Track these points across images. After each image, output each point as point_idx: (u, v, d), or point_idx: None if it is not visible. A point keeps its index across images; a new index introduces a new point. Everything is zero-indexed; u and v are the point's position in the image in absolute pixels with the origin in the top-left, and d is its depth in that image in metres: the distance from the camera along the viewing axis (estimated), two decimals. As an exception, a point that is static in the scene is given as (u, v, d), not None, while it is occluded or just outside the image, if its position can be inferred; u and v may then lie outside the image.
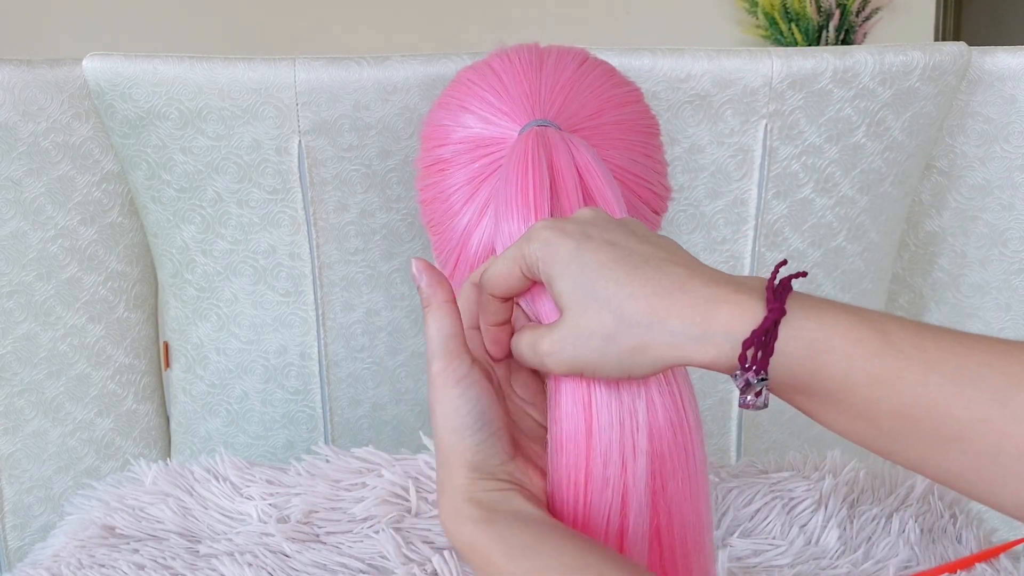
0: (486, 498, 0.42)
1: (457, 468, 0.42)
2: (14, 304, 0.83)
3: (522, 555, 0.39)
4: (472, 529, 0.41)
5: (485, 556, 0.40)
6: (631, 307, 0.38)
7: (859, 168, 0.83)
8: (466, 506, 0.42)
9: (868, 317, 0.37)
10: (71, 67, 0.79)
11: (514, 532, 0.40)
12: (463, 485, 0.42)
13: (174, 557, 0.59)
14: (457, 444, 0.42)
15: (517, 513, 0.41)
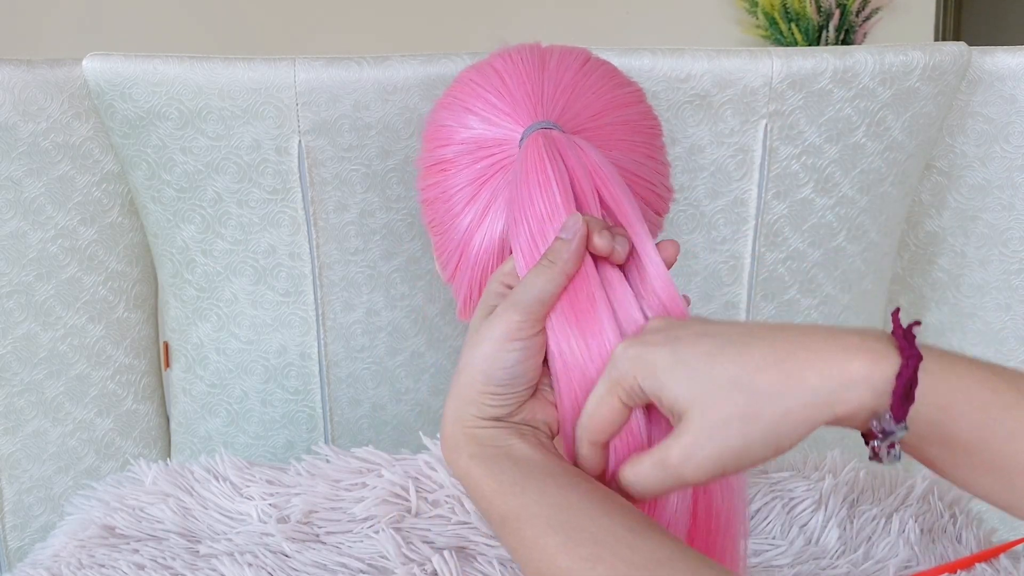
0: (484, 435, 0.44)
1: (470, 405, 0.44)
2: (14, 304, 0.83)
3: (510, 491, 0.42)
4: (467, 462, 0.44)
5: (477, 489, 0.43)
6: (762, 378, 0.37)
7: (859, 168, 0.83)
8: (463, 439, 0.44)
9: (1000, 370, 0.37)
10: (71, 67, 0.79)
11: (504, 469, 0.42)
12: (468, 420, 0.44)
13: (174, 557, 0.59)
14: (484, 388, 0.44)
15: (510, 451, 0.43)
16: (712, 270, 0.85)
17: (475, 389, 0.44)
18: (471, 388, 0.44)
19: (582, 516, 0.40)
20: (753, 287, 0.86)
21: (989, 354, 0.92)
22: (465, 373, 0.45)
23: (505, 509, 0.41)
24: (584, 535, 0.39)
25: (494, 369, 0.44)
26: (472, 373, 0.44)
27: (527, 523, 0.40)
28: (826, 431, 0.98)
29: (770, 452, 0.38)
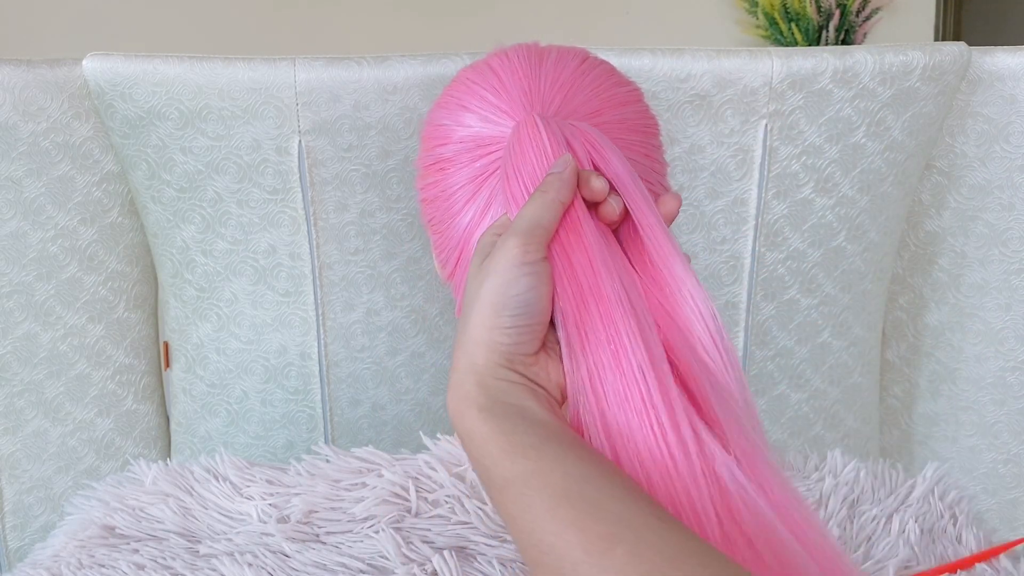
0: (496, 387, 0.41)
1: (481, 346, 0.41)
2: (14, 304, 0.83)
3: (522, 455, 0.38)
4: (475, 416, 0.40)
5: (482, 447, 0.39)
6: None
7: (859, 168, 0.83)
8: (475, 389, 0.41)
9: None
10: (71, 67, 0.79)
11: (516, 429, 0.39)
12: (480, 365, 0.41)
13: (174, 557, 0.59)
14: (495, 321, 0.41)
15: (524, 411, 0.40)
16: (712, 270, 0.85)
17: (486, 325, 0.41)
18: (481, 327, 0.41)
19: (603, 493, 0.37)
20: (753, 287, 0.86)
21: (989, 354, 0.92)
22: (473, 313, 0.42)
23: (513, 473, 0.38)
24: (605, 513, 0.36)
25: (505, 298, 0.41)
26: (481, 309, 0.42)
27: (537, 491, 0.37)
28: (826, 431, 0.98)
29: None
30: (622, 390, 0.41)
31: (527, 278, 0.42)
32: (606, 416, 0.41)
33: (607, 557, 0.34)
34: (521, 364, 0.42)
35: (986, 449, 0.94)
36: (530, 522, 0.37)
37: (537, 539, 0.36)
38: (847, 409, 0.93)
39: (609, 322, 0.42)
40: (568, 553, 0.35)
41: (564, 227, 0.44)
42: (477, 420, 0.40)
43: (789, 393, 0.91)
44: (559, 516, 0.36)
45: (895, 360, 0.96)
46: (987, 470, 0.95)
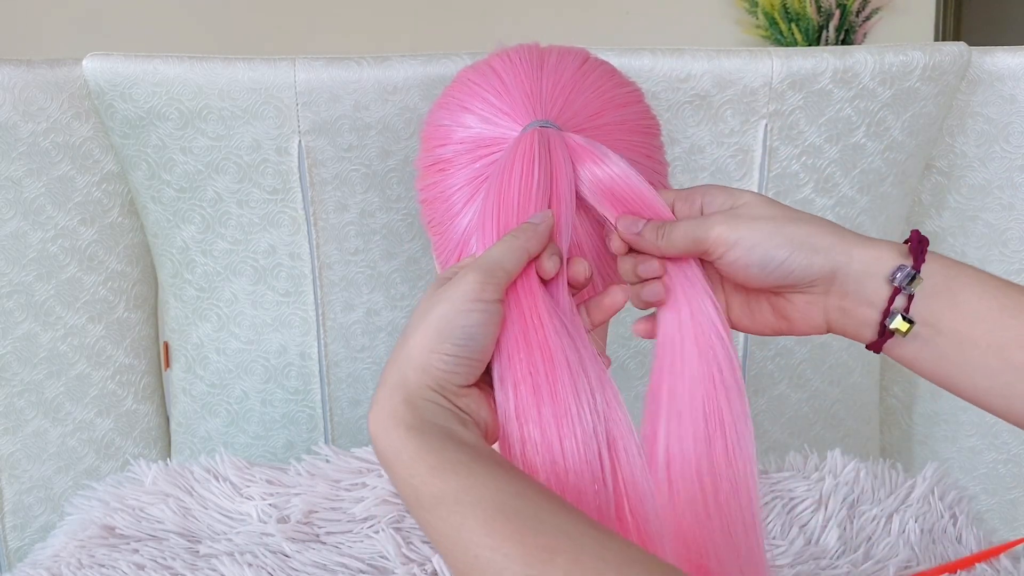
0: (424, 407, 0.41)
1: (415, 367, 0.41)
2: (14, 304, 0.83)
3: (452, 471, 0.38)
4: (402, 435, 0.39)
5: (410, 465, 0.39)
6: None
7: (859, 168, 0.83)
8: (403, 408, 0.40)
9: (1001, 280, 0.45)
10: (71, 67, 0.79)
11: (445, 447, 0.39)
12: (411, 384, 0.41)
13: (174, 557, 0.59)
14: (436, 346, 0.41)
15: (452, 433, 0.40)
16: (712, 270, 0.85)
17: (426, 348, 0.41)
18: (421, 348, 0.41)
19: (539, 507, 0.36)
20: (753, 287, 0.86)
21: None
22: (416, 334, 0.42)
23: (443, 490, 0.37)
24: (542, 525, 0.35)
25: (451, 327, 0.41)
26: (425, 331, 0.41)
27: (470, 507, 0.36)
28: (826, 432, 0.98)
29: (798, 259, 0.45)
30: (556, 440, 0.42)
31: (478, 314, 0.42)
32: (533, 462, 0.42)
33: (549, 567, 0.34)
34: (452, 392, 0.42)
35: (986, 449, 0.94)
36: (464, 539, 0.36)
37: (472, 556, 0.36)
38: (847, 409, 0.93)
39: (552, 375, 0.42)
40: (507, 566, 0.35)
41: (525, 276, 0.45)
42: (405, 437, 0.39)
43: (789, 393, 0.91)
44: (495, 530, 0.35)
45: (895, 360, 0.96)
46: (987, 470, 0.95)
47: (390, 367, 0.42)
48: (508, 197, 0.47)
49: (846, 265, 0.45)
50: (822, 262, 0.45)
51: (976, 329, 0.44)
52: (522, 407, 0.42)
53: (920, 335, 0.45)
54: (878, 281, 0.45)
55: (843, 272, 0.45)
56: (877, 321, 0.46)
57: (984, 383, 0.44)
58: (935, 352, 0.45)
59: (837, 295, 0.46)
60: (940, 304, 0.44)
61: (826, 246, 0.45)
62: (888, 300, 0.45)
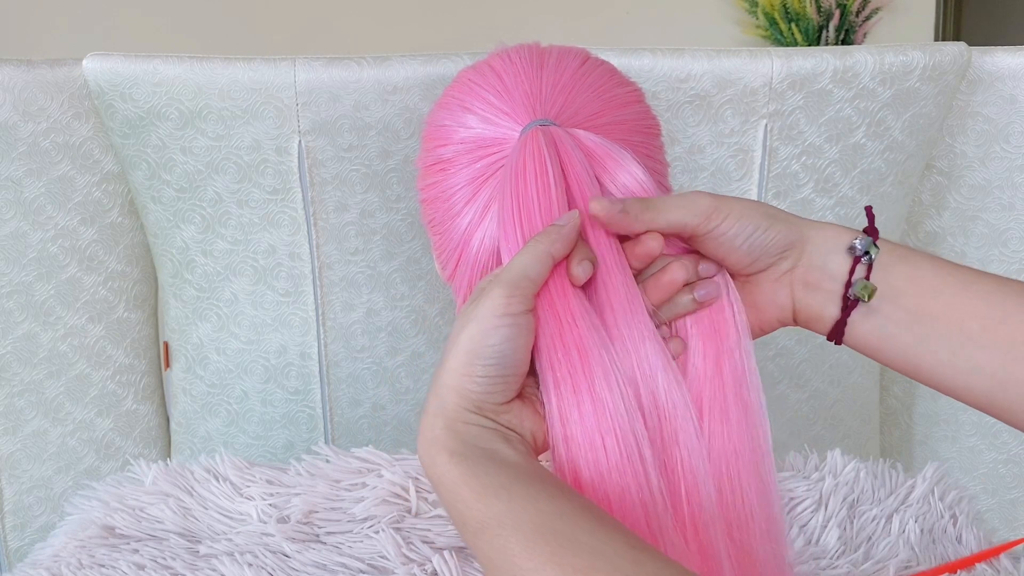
0: (466, 431, 0.41)
1: (452, 391, 0.41)
2: (14, 304, 0.83)
3: (494, 495, 0.38)
4: (446, 461, 0.40)
5: (454, 492, 0.39)
6: None
7: (859, 168, 0.83)
8: (444, 434, 0.41)
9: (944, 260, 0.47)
10: (71, 67, 0.79)
11: (488, 471, 0.39)
12: (450, 410, 0.41)
13: (174, 557, 0.59)
14: (468, 369, 0.41)
15: (494, 454, 0.40)
16: (712, 270, 0.85)
17: (459, 372, 0.41)
18: (454, 372, 0.42)
19: (577, 527, 0.37)
20: (753, 287, 0.86)
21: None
22: (450, 357, 0.42)
23: (486, 515, 0.38)
24: (579, 546, 0.36)
25: (480, 347, 0.41)
26: (456, 354, 0.42)
27: (512, 531, 0.37)
28: (826, 432, 0.98)
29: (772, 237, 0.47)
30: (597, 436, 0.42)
31: (506, 329, 0.42)
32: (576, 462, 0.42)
33: None
34: (492, 411, 0.42)
35: (986, 449, 0.94)
36: (508, 563, 0.37)
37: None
38: (847, 409, 0.93)
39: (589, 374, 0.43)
40: None
41: (555, 277, 0.44)
42: (448, 464, 0.40)
43: (789, 393, 0.91)
44: (535, 553, 0.36)
45: (895, 360, 0.96)
46: (987, 470, 0.95)
47: (431, 394, 0.42)
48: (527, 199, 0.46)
49: (811, 237, 0.47)
50: (794, 231, 0.47)
51: (935, 302, 0.45)
52: (564, 408, 0.43)
53: (880, 311, 0.46)
54: (839, 253, 0.47)
55: (810, 242, 0.47)
56: (840, 294, 0.47)
57: (946, 357, 0.45)
58: (896, 328, 0.46)
59: (803, 268, 0.47)
60: (898, 277, 0.46)
61: (794, 220, 0.48)
62: (850, 271, 0.46)
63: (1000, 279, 0.46)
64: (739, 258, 0.47)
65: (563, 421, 0.43)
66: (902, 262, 0.46)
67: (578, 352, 0.43)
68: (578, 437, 0.42)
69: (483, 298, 0.42)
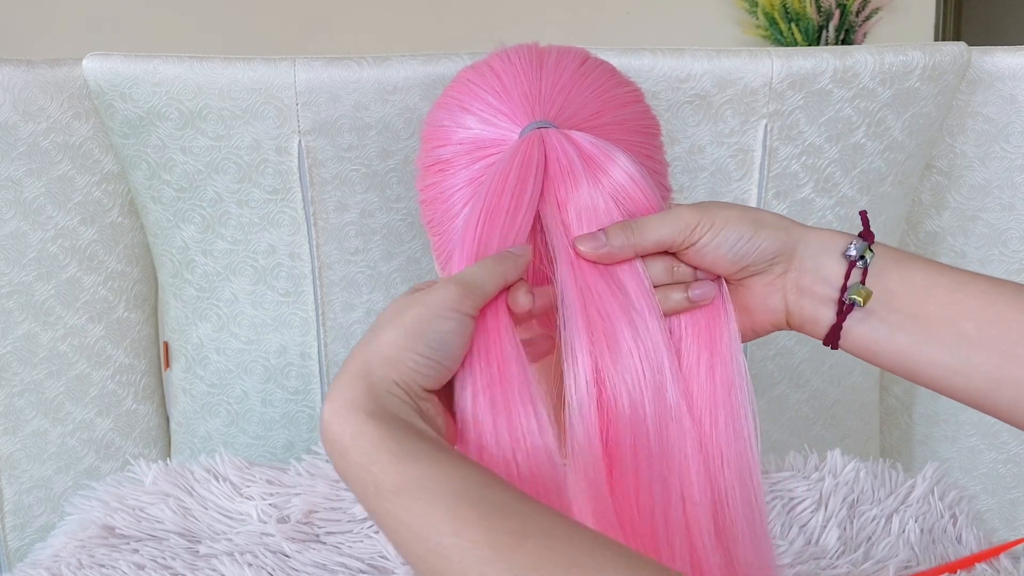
0: (388, 400, 0.40)
1: (384, 360, 0.41)
2: (14, 304, 0.83)
3: (414, 459, 0.37)
4: (362, 420, 0.38)
5: (370, 452, 0.38)
6: None
7: (859, 168, 0.83)
8: (365, 397, 0.39)
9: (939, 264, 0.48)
10: (71, 67, 0.79)
11: (408, 437, 0.38)
12: (376, 376, 0.40)
13: (174, 557, 0.59)
14: (410, 344, 0.41)
15: (413, 426, 0.39)
16: (712, 270, 0.85)
17: (397, 344, 0.41)
18: (392, 344, 0.41)
19: (506, 495, 0.36)
20: (753, 287, 0.86)
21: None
22: (387, 331, 0.41)
23: (406, 477, 0.36)
24: (510, 511, 0.35)
25: (425, 329, 0.41)
26: (398, 329, 0.41)
27: (435, 494, 0.35)
28: (826, 432, 0.98)
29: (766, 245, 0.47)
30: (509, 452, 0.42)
31: (453, 323, 0.42)
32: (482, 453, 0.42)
33: (518, 552, 0.33)
34: (415, 394, 0.42)
35: (986, 449, 0.94)
36: (429, 526, 0.35)
37: (435, 543, 0.35)
38: (847, 409, 0.93)
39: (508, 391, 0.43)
40: (474, 553, 0.34)
41: (497, 301, 0.45)
42: (366, 424, 0.38)
43: (789, 393, 0.91)
44: (460, 516, 0.35)
45: (895, 360, 0.96)
46: (987, 470, 0.95)
47: (354, 358, 0.41)
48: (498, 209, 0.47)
49: (804, 242, 0.47)
50: (784, 237, 0.47)
51: (928, 303, 0.45)
52: (479, 416, 0.43)
53: (876, 313, 0.46)
54: (833, 258, 0.47)
55: (802, 247, 0.47)
56: (835, 299, 0.47)
57: (942, 358, 0.45)
58: (891, 331, 0.46)
59: (796, 272, 0.48)
60: (892, 280, 0.46)
61: (785, 226, 0.48)
62: (845, 275, 0.46)
63: (993, 280, 0.46)
64: (725, 266, 0.48)
65: (477, 429, 0.42)
66: (895, 265, 0.47)
67: (499, 368, 0.43)
68: (492, 447, 0.42)
69: (436, 290, 0.43)
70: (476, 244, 0.46)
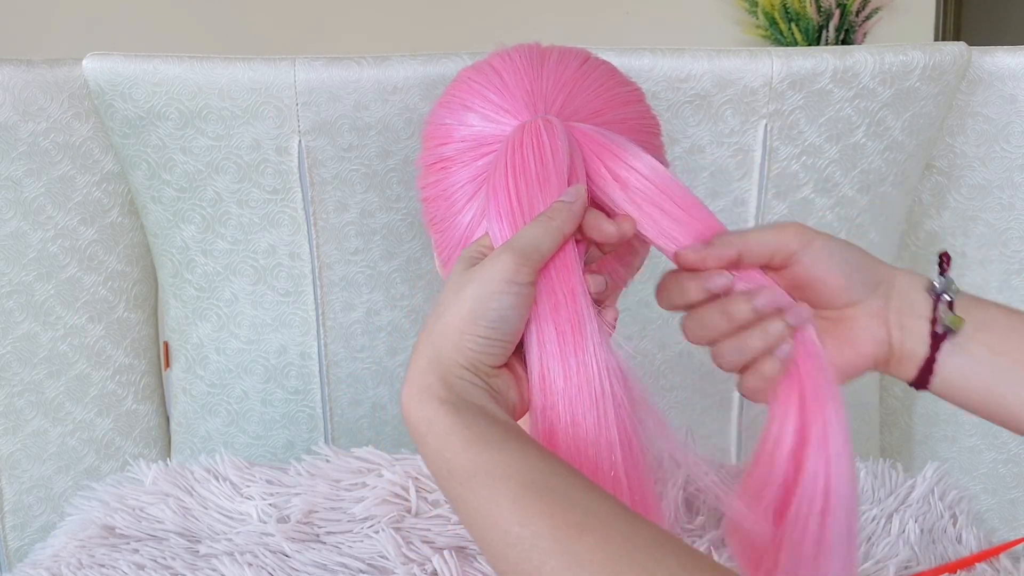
0: (459, 385, 0.41)
1: (449, 346, 0.41)
2: (14, 304, 0.83)
3: (485, 445, 0.38)
4: (436, 407, 0.40)
5: (442, 439, 0.39)
6: None
7: (859, 168, 0.83)
8: (437, 383, 0.40)
9: None
10: (71, 67, 0.79)
11: (479, 423, 0.39)
12: (446, 363, 0.41)
13: (174, 557, 0.59)
14: (469, 327, 0.41)
15: (484, 410, 0.40)
16: (712, 270, 0.85)
17: (458, 329, 0.41)
18: (454, 328, 0.41)
19: (570, 485, 0.37)
20: (753, 287, 0.86)
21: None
22: (450, 313, 0.42)
23: (476, 464, 0.38)
24: (573, 502, 0.36)
25: (484, 308, 0.41)
26: (458, 312, 0.42)
27: (502, 481, 0.37)
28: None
29: None
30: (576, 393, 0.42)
31: (511, 296, 0.42)
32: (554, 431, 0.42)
33: (577, 544, 0.34)
34: (484, 372, 0.42)
35: (986, 449, 0.94)
36: (495, 514, 0.36)
37: (503, 530, 0.36)
38: (847, 409, 0.93)
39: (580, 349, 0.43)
40: (537, 542, 0.35)
41: (559, 257, 0.44)
42: (439, 411, 0.40)
43: (789, 393, 0.91)
44: (525, 506, 0.36)
45: (895, 360, 0.96)
46: (987, 470, 0.95)
47: (424, 344, 0.42)
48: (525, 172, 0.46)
49: (894, 275, 0.48)
50: (881, 267, 0.48)
51: (1011, 341, 0.47)
52: (548, 378, 0.43)
53: (965, 348, 0.47)
54: (921, 293, 0.48)
55: (897, 280, 0.48)
56: (928, 331, 0.47)
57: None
58: (979, 366, 0.47)
59: (896, 303, 0.48)
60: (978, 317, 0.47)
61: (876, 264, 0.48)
62: (933, 307, 0.47)
63: None
64: (836, 279, 0.47)
65: (545, 391, 0.43)
66: (975, 307, 0.48)
67: (571, 327, 0.43)
68: (559, 407, 0.42)
69: (492, 261, 0.42)
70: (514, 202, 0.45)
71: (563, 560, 0.34)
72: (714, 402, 0.91)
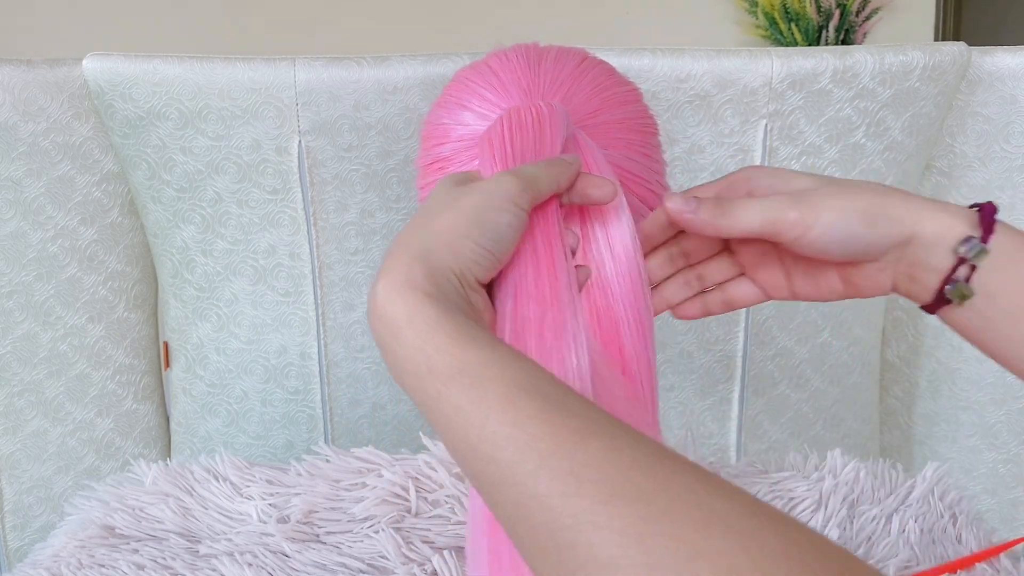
0: (446, 284, 0.38)
1: (440, 249, 0.39)
2: (14, 304, 0.83)
3: (474, 342, 0.35)
4: (420, 299, 0.36)
5: (424, 333, 0.35)
6: None
7: (859, 168, 0.83)
8: (423, 279, 0.37)
9: None
10: (71, 67, 0.79)
11: (467, 322, 0.36)
12: (433, 260, 0.39)
13: (174, 557, 0.59)
14: (468, 231, 0.40)
15: (466, 312, 0.38)
16: (712, 270, 0.85)
17: (456, 231, 0.39)
18: (450, 230, 0.39)
19: (567, 393, 0.33)
20: (753, 287, 0.86)
21: (989, 354, 0.92)
22: (442, 216, 0.40)
23: (464, 359, 0.34)
24: (570, 409, 0.32)
25: (484, 218, 0.40)
26: (457, 215, 0.40)
27: (493, 380, 0.33)
28: (826, 432, 0.98)
29: None
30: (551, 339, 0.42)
31: (511, 216, 0.41)
32: None
33: (581, 449, 0.30)
34: (468, 285, 0.40)
35: (986, 449, 0.94)
36: (480, 414, 0.32)
37: (489, 432, 0.32)
38: (847, 409, 0.93)
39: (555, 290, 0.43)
40: (533, 444, 0.31)
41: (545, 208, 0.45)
42: (424, 303, 0.36)
43: (789, 393, 0.91)
44: (518, 407, 0.32)
45: (895, 360, 0.96)
46: (987, 470, 0.95)
47: (408, 239, 0.40)
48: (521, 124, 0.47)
49: (919, 234, 0.45)
50: (898, 232, 0.45)
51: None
52: (522, 318, 0.42)
53: (975, 305, 0.45)
54: (944, 251, 0.45)
55: (916, 240, 0.45)
56: (936, 289, 0.45)
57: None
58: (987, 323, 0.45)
59: (907, 262, 0.46)
60: (1003, 276, 0.45)
61: (899, 216, 0.45)
62: (950, 270, 0.45)
63: None
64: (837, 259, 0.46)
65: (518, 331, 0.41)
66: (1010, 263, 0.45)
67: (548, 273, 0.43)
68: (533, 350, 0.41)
69: (491, 181, 0.42)
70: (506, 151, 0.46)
71: (562, 465, 0.30)
72: (714, 402, 0.91)
